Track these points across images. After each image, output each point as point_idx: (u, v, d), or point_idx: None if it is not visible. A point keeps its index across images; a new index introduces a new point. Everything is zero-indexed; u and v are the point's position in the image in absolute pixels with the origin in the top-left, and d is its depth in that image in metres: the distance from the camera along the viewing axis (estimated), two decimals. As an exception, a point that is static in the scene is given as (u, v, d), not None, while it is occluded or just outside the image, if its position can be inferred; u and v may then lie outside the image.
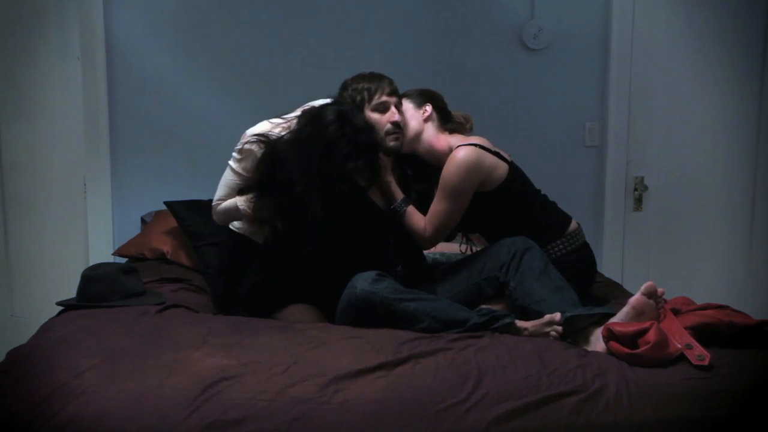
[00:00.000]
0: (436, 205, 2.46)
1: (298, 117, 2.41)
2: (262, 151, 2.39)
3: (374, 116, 2.44)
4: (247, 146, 2.40)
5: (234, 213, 2.47)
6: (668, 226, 3.83)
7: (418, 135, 2.53)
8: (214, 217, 2.56)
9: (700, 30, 3.72)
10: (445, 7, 3.59)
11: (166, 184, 3.44)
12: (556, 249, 2.51)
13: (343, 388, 1.69)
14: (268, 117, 2.66)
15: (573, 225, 2.59)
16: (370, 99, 2.44)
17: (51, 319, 2.25)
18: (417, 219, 2.50)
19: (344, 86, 2.52)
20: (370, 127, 2.38)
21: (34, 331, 2.14)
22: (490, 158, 2.45)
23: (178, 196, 3.22)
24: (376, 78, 2.48)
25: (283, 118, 2.46)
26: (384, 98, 2.45)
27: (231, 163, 2.47)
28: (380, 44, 3.54)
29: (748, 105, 3.79)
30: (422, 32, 3.58)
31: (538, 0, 3.59)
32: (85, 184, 3.45)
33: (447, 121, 2.59)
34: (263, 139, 2.39)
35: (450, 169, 2.42)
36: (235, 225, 2.55)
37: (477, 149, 2.43)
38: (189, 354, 1.84)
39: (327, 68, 3.48)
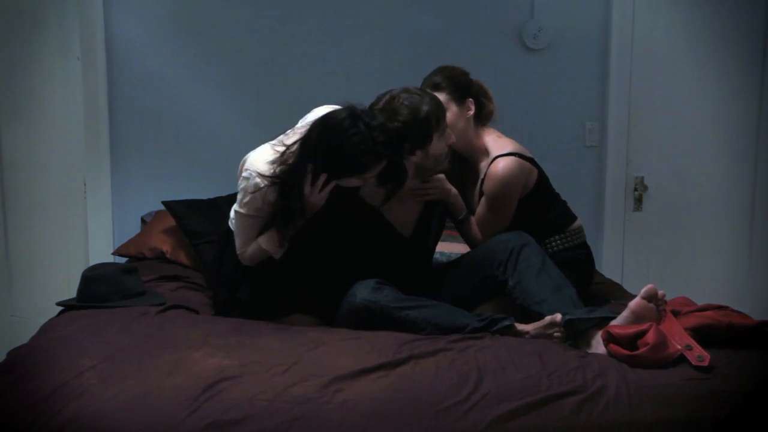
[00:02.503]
0: (487, 219, 2.48)
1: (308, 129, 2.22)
2: (272, 189, 2.22)
3: (440, 143, 2.31)
4: (255, 195, 2.21)
5: (263, 254, 2.33)
6: (668, 226, 3.83)
7: (463, 134, 2.49)
8: (244, 263, 2.38)
9: (700, 30, 3.72)
10: (444, 7, 3.58)
11: (165, 184, 3.43)
12: (554, 244, 2.52)
13: (343, 388, 1.69)
14: (268, 116, 2.66)
15: (576, 224, 2.60)
16: (438, 126, 2.30)
17: (51, 319, 2.25)
18: (476, 230, 2.53)
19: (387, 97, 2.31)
20: (388, 129, 2.18)
21: (34, 331, 2.14)
22: (527, 165, 2.47)
23: (177, 195, 3.22)
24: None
25: (285, 145, 2.27)
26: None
27: (240, 210, 2.28)
28: (380, 44, 3.54)
29: (748, 105, 3.79)
30: (422, 32, 3.58)
31: (538, 0, 3.59)
32: (85, 184, 3.45)
33: (482, 109, 2.56)
34: (273, 180, 2.21)
35: (495, 184, 2.42)
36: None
37: (516, 159, 2.43)
38: (189, 354, 1.84)
39: (327, 68, 3.48)
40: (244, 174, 2.26)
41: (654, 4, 3.67)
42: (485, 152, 2.50)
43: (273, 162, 2.24)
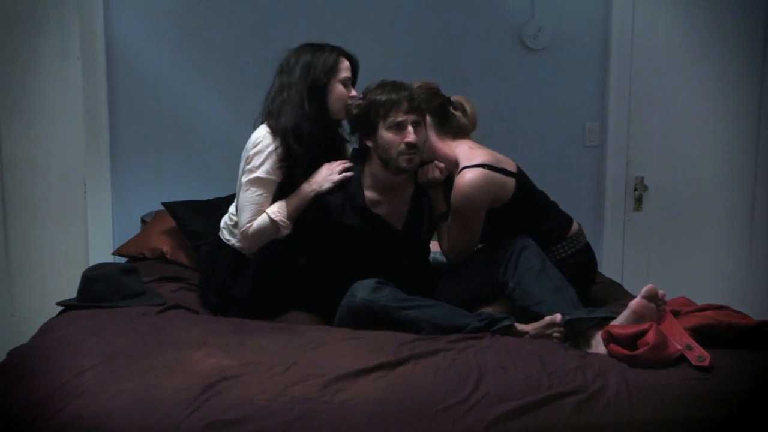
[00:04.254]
0: (453, 232, 2.44)
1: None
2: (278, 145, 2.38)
3: (388, 135, 2.32)
4: (270, 153, 2.36)
5: (269, 229, 2.36)
6: (668, 226, 3.83)
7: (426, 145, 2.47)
8: (245, 244, 2.41)
9: (700, 30, 3.72)
10: (444, 7, 3.58)
11: (165, 184, 3.44)
12: (557, 252, 2.50)
13: (343, 388, 1.70)
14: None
15: (574, 227, 2.58)
16: (386, 116, 2.32)
17: (51, 319, 2.25)
18: (443, 240, 2.50)
19: (363, 95, 2.40)
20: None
21: (34, 331, 2.14)
22: (498, 177, 2.39)
23: (177, 195, 3.22)
24: (395, 90, 2.34)
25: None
26: (400, 118, 2.32)
27: (254, 174, 2.37)
28: (380, 44, 3.54)
29: (748, 104, 3.79)
30: (422, 32, 3.58)
31: (537, 0, 3.60)
32: (85, 184, 3.45)
33: (446, 123, 2.52)
34: (280, 132, 2.38)
35: (459, 196, 2.36)
36: (224, 236, 2.53)
37: (483, 171, 2.36)
38: (189, 354, 1.85)
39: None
40: (258, 139, 2.39)
41: (654, 4, 3.67)
42: (456, 164, 2.45)
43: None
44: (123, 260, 3.08)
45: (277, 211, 2.36)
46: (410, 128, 2.33)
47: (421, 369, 1.80)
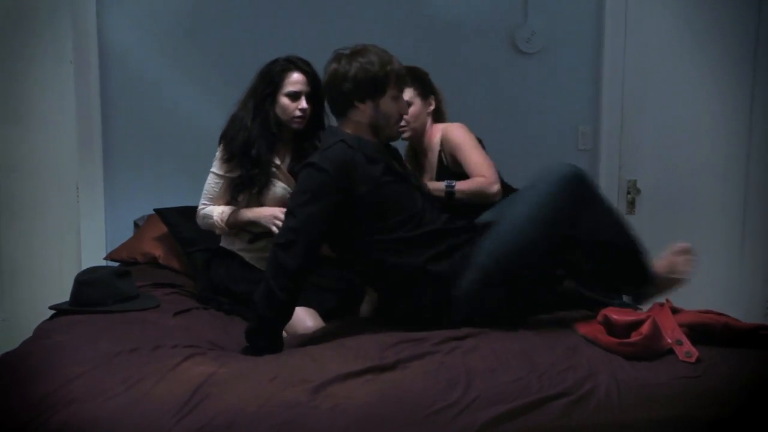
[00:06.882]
0: (473, 158, 2.61)
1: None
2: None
3: (392, 105, 2.28)
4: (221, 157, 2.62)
5: (209, 221, 2.61)
6: (661, 229, 3.82)
7: (422, 127, 2.76)
8: (198, 221, 2.68)
9: (693, 34, 3.73)
10: (438, 10, 3.59)
11: (158, 189, 3.43)
12: None
13: (332, 393, 1.69)
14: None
15: None
16: (397, 85, 2.28)
17: (43, 323, 2.24)
18: (471, 181, 2.58)
19: (351, 51, 2.33)
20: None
21: (25, 335, 2.13)
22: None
23: (170, 200, 3.21)
24: (398, 63, 2.31)
25: None
26: (402, 91, 2.33)
27: (212, 170, 2.65)
28: (373, 47, 3.54)
29: (740, 108, 3.80)
30: (415, 35, 3.57)
31: (531, 3, 3.60)
32: (77, 188, 3.44)
33: (439, 106, 2.82)
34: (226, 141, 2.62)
35: (457, 132, 2.66)
36: (224, 244, 2.64)
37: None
38: (179, 361, 1.84)
39: (323, 71, 3.47)
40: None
41: (647, 8, 3.68)
42: (434, 140, 2.74)
43: None
44: (115, 265, 3.07)
45: (221, 211, 2.58)
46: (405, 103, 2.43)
47: (409, 373, 1.79)
